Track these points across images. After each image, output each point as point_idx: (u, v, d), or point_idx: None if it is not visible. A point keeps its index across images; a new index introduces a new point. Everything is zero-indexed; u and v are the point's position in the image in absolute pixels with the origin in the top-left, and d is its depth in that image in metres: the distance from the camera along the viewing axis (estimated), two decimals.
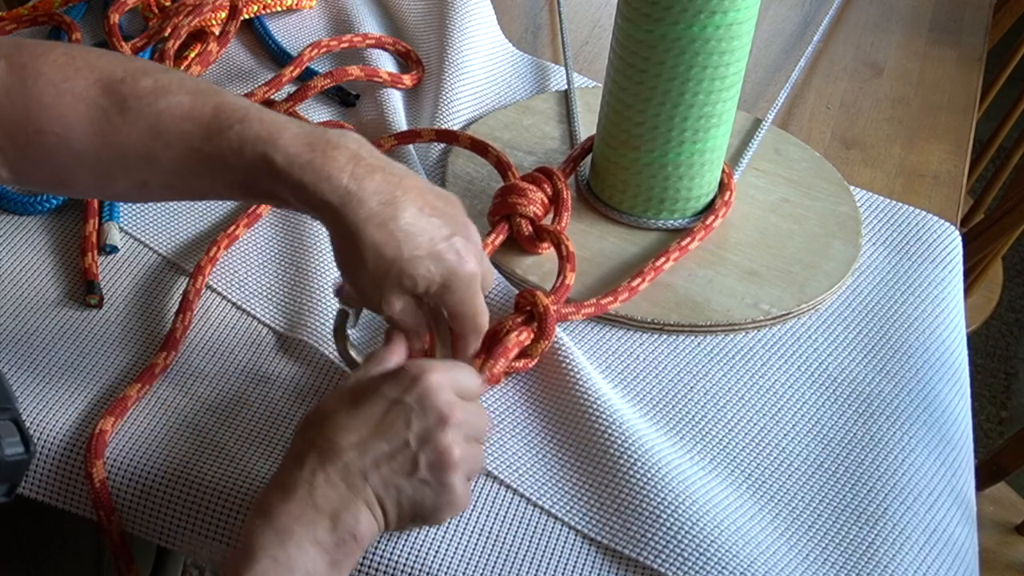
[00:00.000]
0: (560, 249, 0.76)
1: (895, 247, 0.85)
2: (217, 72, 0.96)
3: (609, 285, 0.77)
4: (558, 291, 0.73)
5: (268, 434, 0.68)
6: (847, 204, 0.86)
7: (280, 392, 0.70)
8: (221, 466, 0.65)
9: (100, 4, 1.00)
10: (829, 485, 0.68)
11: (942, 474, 0.70)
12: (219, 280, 0.76)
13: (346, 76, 0.92)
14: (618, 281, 0.77)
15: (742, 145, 0.90)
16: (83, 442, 0.66)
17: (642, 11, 0.74)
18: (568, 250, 0.75)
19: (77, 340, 0.72)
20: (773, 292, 0.78)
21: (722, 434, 0.70)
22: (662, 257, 0.78)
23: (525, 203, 0.78)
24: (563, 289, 0.74)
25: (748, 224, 0.84)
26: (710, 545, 0.63)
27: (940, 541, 0.66)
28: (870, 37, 1.11)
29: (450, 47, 0.95)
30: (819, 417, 0.72)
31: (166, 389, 0.70)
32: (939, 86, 1.05)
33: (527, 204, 0.78)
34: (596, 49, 1.05)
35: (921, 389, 0.74)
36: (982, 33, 1.14)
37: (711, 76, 0.75)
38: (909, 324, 0.79)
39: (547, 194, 0.79)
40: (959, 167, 0.95)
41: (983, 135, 1.44)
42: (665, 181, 0.80)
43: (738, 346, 0.76)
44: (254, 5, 1.00)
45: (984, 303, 1.54)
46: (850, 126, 0.99)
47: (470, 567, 0.62)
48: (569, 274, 0.74)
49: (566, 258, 0.75)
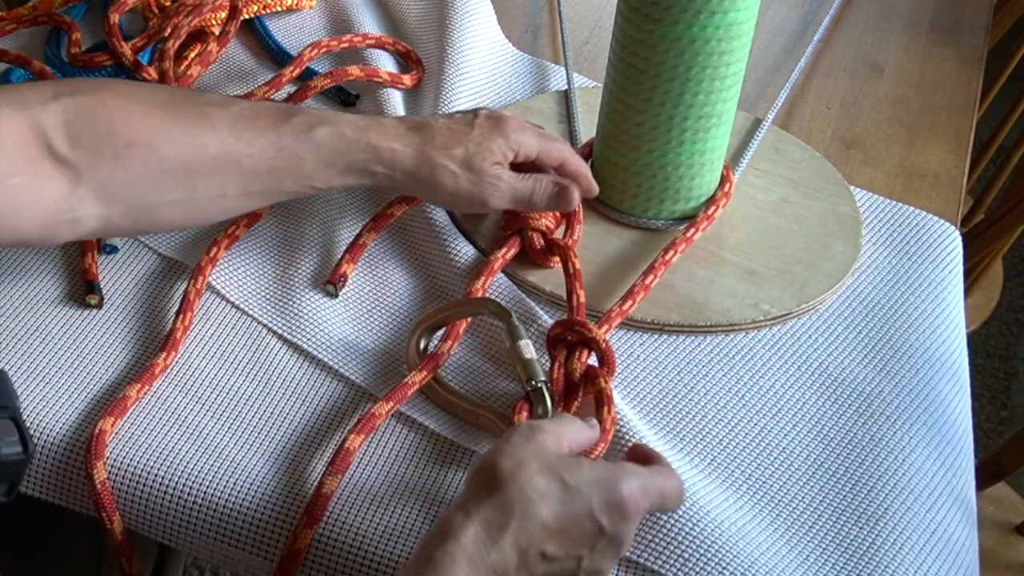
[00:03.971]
0: (567, 267, 0.75)
1: (895, 247, 0.85)
2: (217, 72, 0.96)
3: (609, 285, 0.77)
4: (577, 310, 0.73)
5: (268, 434, 0.68)
6: (847, 204, 0.86)
7: (280, 392, 0.70)
8: (221, 466, 0.65)
9: (100, 4, 1.00)
10: (829, 485, 0.68)
11: (942, 474, 0.70)
12: (219, 280, 0.76)
13: (346, 76, 0.92)
14: (620, 281, 0.77)
15: (742, 145, 0.90)
16: (83, 442, 0.66)
17: (642, 11, 0.74)
18: (575, 268, 0.75)
19: (77, 340, 0.72)
20: (773, 292, 0.78)
21: (722, 434, 0.70)
22: (670, 251, 0.77)
23: (537, 216, 0.77)
24: (580, 308, 0.73)
25: (748, 224, 0.84)
26: (710, 546, 0.63)
27: (940, 541, 0.66)
28: (870, 37, 1.11)
29: (450, 47, 0.95)
30: (819, 417, 0.72)
31: (166, 389, 0.70)
32: (939, 86, 1.05)
33: (539, 217, 0.77)
34: (596, 49, 1.05)
35: (921, 389, 0.74)
36: (982, 33, 1.14)
37: (711, 76, 0.75)
38: (909, 324, 0.79)
39: None
40: (959, 167, 0.95)
41: (983, 135, 1.44)
42: (665, 181, 0.80)
43: (738, 346, 0.76)
44: (254, 5, 1.00)
45: (984, 303, 1.54)
46: (850, 126, 0.99)
47: None
48: (580, 291, 0.74)
49: (573, 276, 0.74)
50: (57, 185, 0.64)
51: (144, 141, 0.66)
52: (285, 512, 0.64)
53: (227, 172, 0.68)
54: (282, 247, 0.80)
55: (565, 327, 0.69)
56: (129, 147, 0.65)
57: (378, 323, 0.75)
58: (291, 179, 0.70)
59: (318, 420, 0.69)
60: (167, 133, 0.66)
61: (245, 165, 0.68)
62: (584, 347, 0.69)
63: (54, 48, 0.94)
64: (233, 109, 0.69)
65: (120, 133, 0.65)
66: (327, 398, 0.70)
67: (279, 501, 0.64)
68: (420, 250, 0.80)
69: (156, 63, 0.90)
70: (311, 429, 0.68)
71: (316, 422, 0.69)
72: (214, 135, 0.67)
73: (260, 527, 0.64)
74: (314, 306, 0.75)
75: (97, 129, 0.65)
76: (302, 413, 0.69)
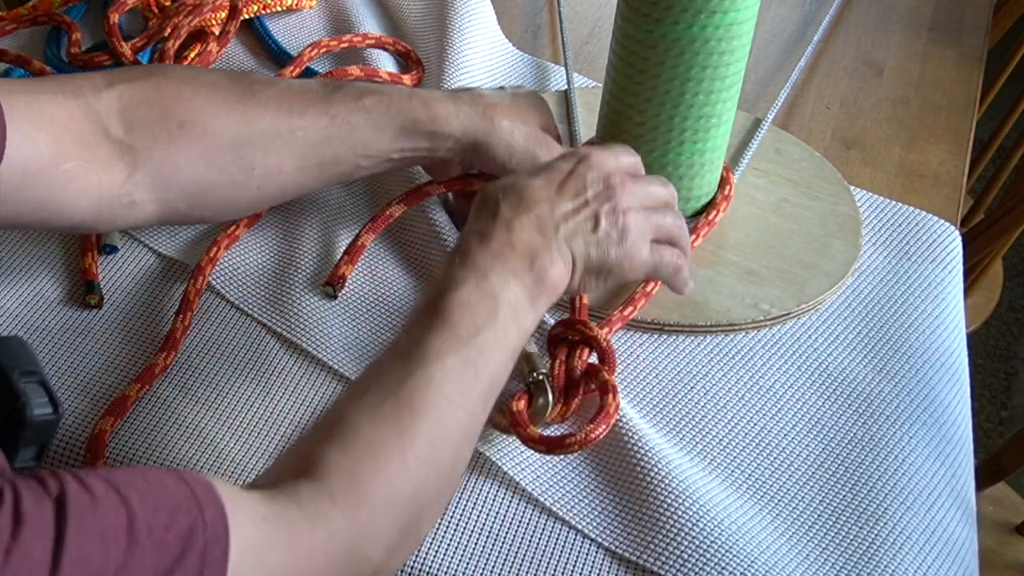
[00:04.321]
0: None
1: (895, 247, 0.85)
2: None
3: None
4: (580, 312, 0.73)
5: (268, 434, 0.68)
6: (847, 204, 0.86)
7: (280, 392, 0.70)
8: (221, 466, 0.65)
9: (100, 4, 1.00)
10: (829, 485, 0.68)
11: (942, 474, 0.70)
12: (219, 280, 0.76)
13: (346, 76, 0.92)
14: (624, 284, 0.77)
15: (742, 145, 0.90)
16: (83, 442, 0.66)
17: (642, 11, 0.74)
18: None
19: (77, 340, 0.72)
20: (773, 292, 0.78)
21: (722, 434, 0.70)
22: None
23: None
24: (583, 310, 0.73)
25: (748, 224, 0.84)
26: (710, 546, 0.63)
27: (940, 541, 0.66)
28: (870, 37, 1.11)
29: (450, 47, 0.95)
30: (819, 417, 0.72)
31: (166, 389, 0.70)
32: (939, 86, 1.05)
33: None
34: (596, 49, 1.05)
35: (921, 389, 0.74)
36: (982, 33, 1.14)
37: (711, 76, 0.75)
38: (909, 324, 0.79)
39: None
40: (959, 167, 0.95)
41: (983, 135, 1.44)
42: None
43: (738, 346, 0.76)
44: (254, 5, 1.00)
45: (984, 303, 1.54)
46: (850, 126, 0.99)
47: (470, 567, 0.62)
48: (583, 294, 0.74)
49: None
50: (115, 170, 0.65)
51: (196, 120, 0.67)
52: None
53: (281, 146, 0.69)
54: (282, 247, 0.80)
55: (566, 326, 0.70)
56: (182, 127, 0.66)
57: (378, 323, 0.75)
58: (345, 148, 0.71)
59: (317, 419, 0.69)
60: (217, 111, 0.68)
61: (299, 137, 0.69)
62: (585, 345, 0.69)
63: (54, 48, 0.94)
64: (281, 85, 0.71)
65: (173, 115, 0.66)
66: (327, 398, 0.70)
67: None
68: (420, 250, 0.80)
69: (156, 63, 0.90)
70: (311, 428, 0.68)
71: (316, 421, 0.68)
72: (264, 111, 0.69)
73: None
74: (314, 306, 0.75)
75: (151, 112, 0.66)
76: (302, 413, 0.69)
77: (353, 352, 0.73)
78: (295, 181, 0.71)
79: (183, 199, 0.68)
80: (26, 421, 0.54)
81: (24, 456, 0.55)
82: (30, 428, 0.54)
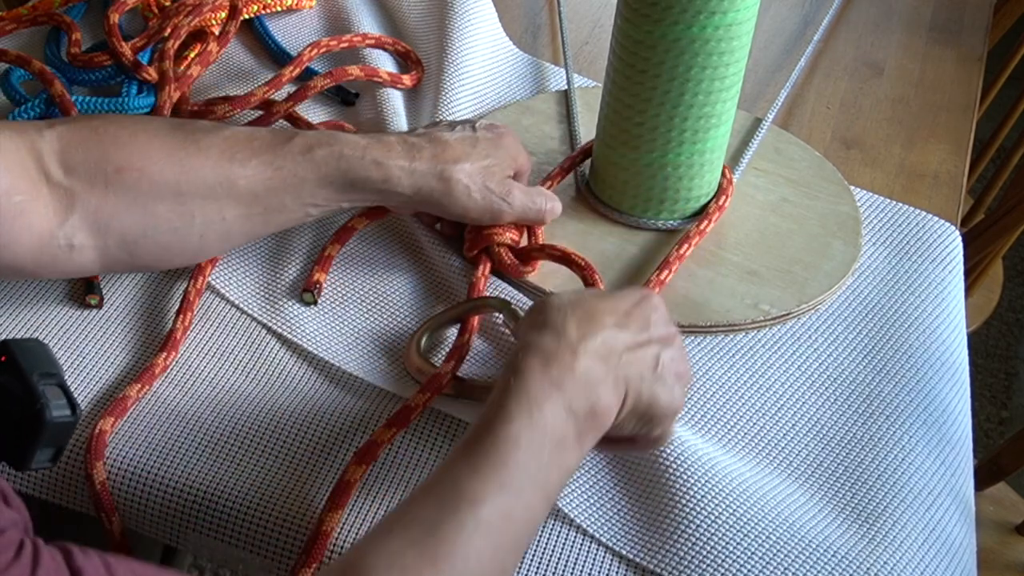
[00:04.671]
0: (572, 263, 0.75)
1: (895, 247, 0.85)
2: (217, 72, 0.96)
3: (609, 285, 0.77)
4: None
5: (268, 434, 0.68)
6: (847, 204, 0.86)
7: (280, 392, 0.70)
8: (221, 466, 0.65)
9: (100, 4, 1.00)
10: (828, 484, 0.68)
11: (941, 474, 0.70)
12: (219, 280, 0.76)
13: (346, 76, 0.92)
14: (620, 281, 0.77)
15: (742, 145, 0.90)
16: (83, 442, 0.66)
17: (642, 11, 0.74)
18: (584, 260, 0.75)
19: (77, 340, 0.72)
20: (773, 292, 0.78)
21: (721, 434, 0.70)
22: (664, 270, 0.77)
23: (501, 231, 0.76)
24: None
25: (748, 224, 0.84)
26: (706, 543, 0.63)
27: (938, 541, 0.66)
28: (870, 37, 1.11)
29: (450, 47, 0.95)
30: (819, 417, 0.72)
31: (166, 389, 0.70)
32: (939, 86, 1.05)
33: (503, 232, 0.76)
34: (596, 49, 1.05)
35: (921, 389, 0.74)
36: (982, 33, 1.14)
37: (711, 76, 0.75)
38: (909, 324, 0.79)
39: None
40: (959, 167, 0.95)
41: (983, 135, 1.44)
42: (665, 181, 0.80)
43: (738, 346, 0.76)
44: (254, 5, 1.00)
45: (984, 303, 1.54)
46: (850, 126, 0.99)
47: None
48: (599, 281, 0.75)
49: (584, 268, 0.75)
50: (52, 211, 0.65)
51: (133, 165, 0.66)
52: (286, 511, 0.64)
53: (223, 195, 0.67)
54: (282, 247, 0.80)
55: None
56: (119, 172, 0.65)
57: (378, 321, 0.75)
58: (291, 198, 0.69)
59: (318, 419, 0.69)
60: (155, 157, 0.66)
61: (241, 186, 0.67)
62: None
63: (54, 48, 0.94)
64: (225, 133, 0.69)
65: (110, 159, 0.65)
66: (327, 397, 0.70)
67: (280, 500, 0.64)
68: (420, 250, 0.80)
69: (156, 63, 0.90)
70: (311, 428, 0.68)
71: (316, 421, 0.69)
72: (204, 158, 0.67)
73: (261, 526, 0.64)
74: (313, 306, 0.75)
75: (89, 155, 0.65)
76: (302, 412, 0.69)
77: (353, 350, 0.73)
78: (240, 229, 0.70)
79: (122, 246, 0.67)
80: (44, 423, 0.54)
81: (41, 457, 0.56)
82: (48, 430, 0.55)
